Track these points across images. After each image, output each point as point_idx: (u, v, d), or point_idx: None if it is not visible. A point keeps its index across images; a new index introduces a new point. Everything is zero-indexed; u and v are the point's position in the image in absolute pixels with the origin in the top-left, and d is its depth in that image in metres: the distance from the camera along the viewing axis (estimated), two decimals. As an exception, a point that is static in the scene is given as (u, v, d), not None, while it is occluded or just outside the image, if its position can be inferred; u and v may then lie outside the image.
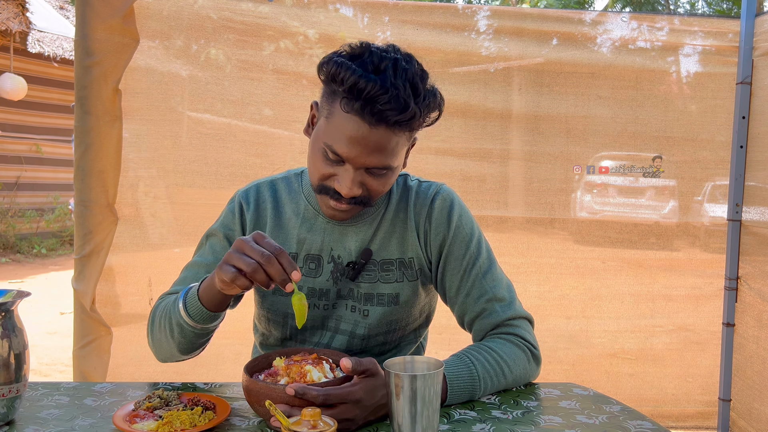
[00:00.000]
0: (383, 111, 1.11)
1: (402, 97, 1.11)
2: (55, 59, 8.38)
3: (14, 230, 8.87)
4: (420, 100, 1.14)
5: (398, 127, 1.14)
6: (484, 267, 1.34)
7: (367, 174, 1.19)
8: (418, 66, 1.18)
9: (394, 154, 1.18)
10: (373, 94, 1.10)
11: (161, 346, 1.31)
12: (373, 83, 1.10)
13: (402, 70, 1.13)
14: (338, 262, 1.33)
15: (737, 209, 2.61)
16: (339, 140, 1.15)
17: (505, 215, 2.66)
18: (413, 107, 1.12)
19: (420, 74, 1.16)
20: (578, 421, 1.12)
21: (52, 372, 4.08)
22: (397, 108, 1.11)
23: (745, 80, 2.56)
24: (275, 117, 2.52)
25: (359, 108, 1.12)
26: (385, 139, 1.15)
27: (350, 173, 1.17)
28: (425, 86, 1.17)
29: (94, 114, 2.27)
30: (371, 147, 1.14)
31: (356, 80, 1.10)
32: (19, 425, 1.07)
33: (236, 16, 2.47)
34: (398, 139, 1.17)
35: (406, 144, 1.21)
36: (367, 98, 1.10)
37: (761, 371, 2.51)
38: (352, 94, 1.12)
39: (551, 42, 2.63)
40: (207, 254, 1.38)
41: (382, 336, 1.37)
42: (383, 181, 1.21)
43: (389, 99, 1.10)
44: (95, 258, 2.31)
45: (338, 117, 1.15)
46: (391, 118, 1.12)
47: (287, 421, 0.91)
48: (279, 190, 1.39)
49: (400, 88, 1.11)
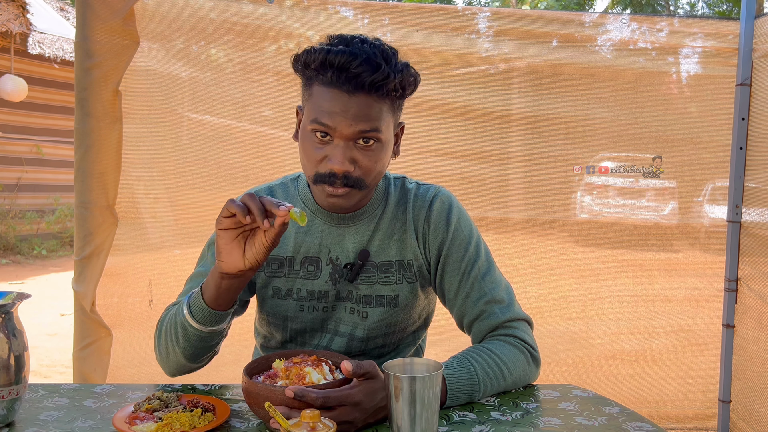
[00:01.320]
0: (357, 74, 1.15)
1: (373, 60, 1.15)
2: (55, 60, 8.39)
3: (15, 231, 8.87)
4: (392, 65, 1.18)
5: (376, 92, 1.17)
6: (483, 269, 1.34)
7: (356, 149, 1.20)
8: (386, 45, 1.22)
9: (379, 120, 1.20)
10: (344, 61, 1.15)
11: (168, 355, 1.29)
12: (342, 53, 1.15)
13: (370, 42, 1.19)
14: (336, 263, 1.34)
15: (737, 211, 2.61)
16: (322, 114, 1.19)
17: (504, 216, 2.66)
18: (385, 67, 1.16)
19: (390, 49, 1.21)
20: (577, 422, 1.12)
21: (52, 374, 4.08)
22: (370, 69, 1.15)
23: (745, 82, 2.56)
24: (275, 118, 2.53)
25: (335, 78, 1.16)
26: (366, 105, 1.17)
27: (340, 147, 1.19)
28: (395, 56, 1.21)
29: (95, 115, 2.27)
30: (353, 113, 1.17)
31: (326, 55, 1.16)
32: (18, 427, 1.07)
33: (236, 18, 2.47)
34: (380, 106, 1.19)
35: (389, 115, 1.23)
36: (339, 67, 1.15)
37: (761, 372, 2.51)
38: (324, 68, 1.17)
39: (551, 43, 2.63)
40: (209, 264, 1.39)
41: (381, 338, 1.37)
42: (373, 156, 1.22)
43: (361, 62, 1.15)
44: (95, 259, 2.32)
45: (317, 95, 1.20)
46: (366, 79, 1.15)
47: (286, 423, 0.91)
48: (276, 195, 1.40)
49: (369, 52, 1.16)
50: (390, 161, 1.30)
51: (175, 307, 1.32)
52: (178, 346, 1.25)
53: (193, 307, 1.19)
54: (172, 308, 1.33)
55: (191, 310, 1.19)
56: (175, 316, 1.24)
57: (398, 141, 1.32)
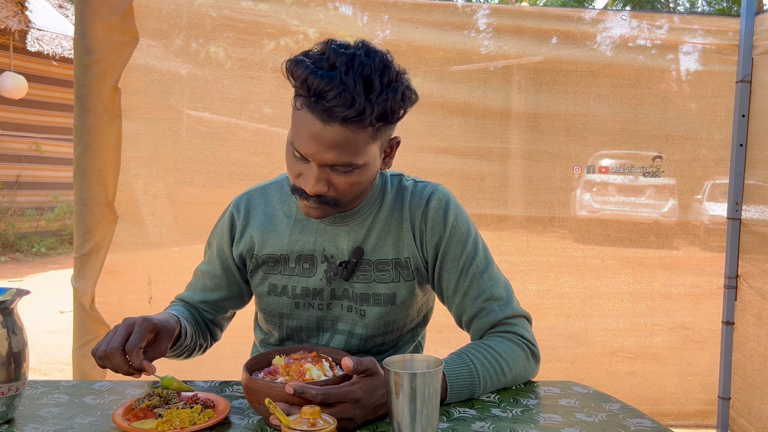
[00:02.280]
0: (331, 108, 1.10)
1: (350, 92, 1.09)
2: (54, 58, 8.36)
3: (14, 229, 8.87)
4: (373, 96, 1.11)
5: (351, 124, 1.12)
6: (482, 266, 1.34)
7: (332, 172, 1.18)
8: (381, 61, 1.13)
9: (354, 152, 1.15)
10: (320, 90, 1.09)
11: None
12: (320, 79, 1.09)
13: (358, 66, 1.10)
14: (332, 261, 1.34)
15: (737, 208, 2.61)
16: (298, 137, 1.16)
17: (504, 214, 2.65)
18: (362, 103, 1.09)
19: (381, 69, 1.12)
20: (578, 419, 1.12)
21: (52, 371, 4.08)
22: (343, 104, 1.09)
23: (745, 78, 2.56)
24: (275, 115, 2.52)
25: (311, 104, 1.12)
26: (341, 137, 1.13)
27: (313, 170, 1.17)
28: (384, 82, 1.12)
29: (94, 112, 2.26)
30: (327, 144, 1.14)
31: (306, 77, 1.11)
32: (18, 423, 1.07)
33: (236, 15, 2.46)
34: (356, 137, 1.14)
35: (369, 142, 1.17)
36: (316, 94, 1.11)
37: (761, 370, 2.51)
38: (304, 91, 1.13)
39: (551, 40, 2.62)
40: (207, 263, 1.48)
41: (380, 336, 1.37)
42: (349, 179, 1.19)
43: (336, 95, 1.09)
44: (95, 257, 2.31)
45: (296, 114, 1.17)
46: (339, 114, 1.10)
47: (287, 420, 0.91)
48: (270, 195, 1.41)
49: (349, 83, 1.09)
50: (376, 175, 1.28)
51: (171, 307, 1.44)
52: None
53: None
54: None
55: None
56: None
57: (392, 154, 1.29)
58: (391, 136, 1.25)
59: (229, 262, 1.42)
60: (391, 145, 1.28)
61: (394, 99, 1.14)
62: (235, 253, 1.40)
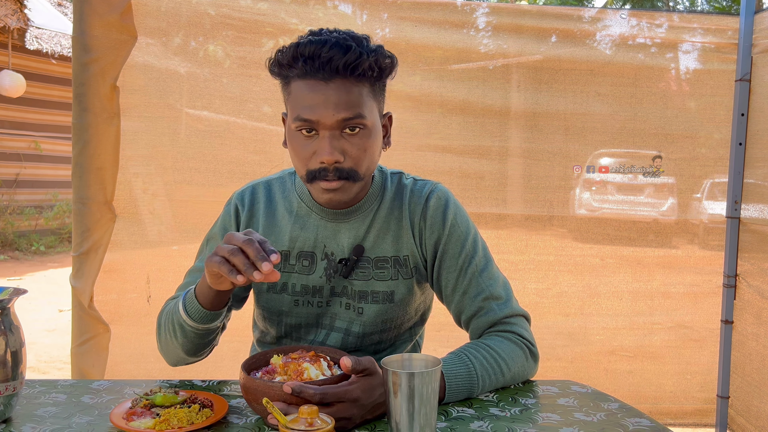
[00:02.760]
0: (329, 58, 1.14)
1: (343, 42, 1.15)
2: (53, 56, 8.35)
3: (13, 227, 8.86)
4: (363, 46, 1.17)
5: (351, 74, 1.16)
6: (481, 265, 1.34)
7: (343, 139, 1.20)
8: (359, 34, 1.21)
9: (360, 105, 1.19)
10: (314, 49, 1.14)
11: (168, 349, 1.33)
12: (311, 42, 1.15)
13: (339, 30, 1.18)
14: (332, 259, 1.33)
15: (736, 206, 2.61)
16: (303, 108, 1.18)
17: (503, 212, 2.65)
18: (356, 48, 1.15)
19: (362, 35, 1.20)
20: (576, 418, 1.12)
21: (50, 369, 4.08)
22: (340, 51, 1.14)
23: (744, 77, 2.55)
24: (274, 114, 2.52)
25: (308, 69, 1.16)
26: (345, 90, 1.17)
27: (326, 139, 1.18)
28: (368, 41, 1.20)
29: (92, 111, 2.26)
30: (334, 101, 1.16)
31: (295, 48, 1.16)
32: (16, 423, 1.07)
33: (235, 13, 2.46)
34: (359, 89, 1.18)
35: (371, 98, 1.21)
36: (311, 56, 1.15)
37: (760, 368, 2.51)
38: (296, 61, 1.16)
39: (550, 39, 2.62)
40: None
41: (378, 334, 1.37)
42: (361, 144, 1.21)
43: (330, 47, 1.14)
44: (93, 255, 2.31)
45: (295, 90, 1.19)
46: (339, 62, 1.14)
47: (284, 419, 0.91)
48: (273, 190, 1.41)
49: (338, 37, 1.16)
50: (381, 151, 1.30)
51: (172, 302, 1.34)
52: (177, 342, 1.27)
53: (188, 307, 1.21)
54: (170, 303, 1.36)
55: (187, 309, 1.21)
56: (172, 314, 1.27)
57: (388, 132, 1.32)
58: (384, 107, 1.29)
59: None
60: (389, 118, 1.32)
61: (382, 52, 1.21)
62: None
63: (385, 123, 1.30)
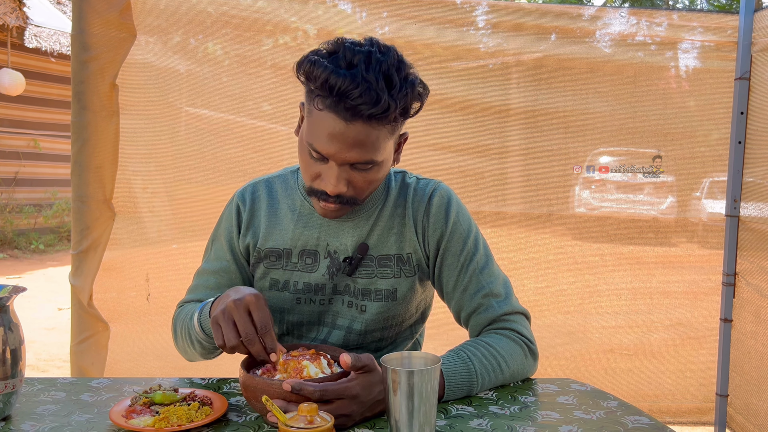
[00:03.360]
0: (356, 105, 1.10)
1: (374, 89, 1.10)
2: (52, 54, 8.35)
3: (12, 226, 8.86)
4: (395, 92, 1.12)
5: (374, 121, 1.13)
6: (481, 263, 1.34)
7: (351, 170, 1.19)
8: (396, 57, 1.15)
9: (375, 149, 1.17)
10: (344, 89, 1.09)
11: (186, 352, 1.38)
12: (343, 78, 1.09)
13: (375, 63, 1.11)
14: (335, 257, 1.33)
15: (735, 205, 2.61)
16: (318, 138, 1.16)
17: (502, 211, 2.65)
18: (386, 100, 1.11)
19: (396, 65, 1.14)
20: (576, 416, 1.12)
21: (50, 368, 4.08)
22: (369, 101, 1.10)
23: (744, 76, 2.55)
24: (273, 112, 2.52)
25: (332, 104, 1.12)
26: (363, 134, 1.14)
27: (334, 170, 1.17)
28: (402, 77, 1.14)
29: (91, 109, 2.26)
30: (350, 142, 1.14)
31: (327, 77, 1.10)
32: (15, 421, 1.07)
33: (234, 11, 2.46)
34: (378, 133, 1.15)
35: (388, 138, 1.19)
36: (339, 94, 1.10)
37: (758, 367, 2.52)
38: (324, 91, 1.12)
39: (550, 37, 2.62)
40: (213, 260, 1.43)
41: (379, 332, 1.37)
42: (369, 176, 1.20)
43: (360, 93, 1.09)
44: (93, 254, 2.31)
45: (315, 115, 1.16)
46: (365, 112, 1.11)
47: (284, 417, 0.91)
48: (275, 188, 1.41)
49: (371, 81, 1.10)
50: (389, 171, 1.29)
51: (185, 308, 1.38)
52: (195, 350, 1.32)
53: (204, 325, 1.23)
54: (183, 311, 1.38)
55: (203, 327, 1.23)
56: (188, 328, 1.29)
57: (399, 149, 1.30)
58: (401, 131, 1.27)
59: (239, 254, 1.40)
60: (404, 138, 1.30)
61: (413, 93, 1.17)
62: (242, 245, 1.39)
63: (399, 142, 1.29)
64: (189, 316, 1.30)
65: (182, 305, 1.42)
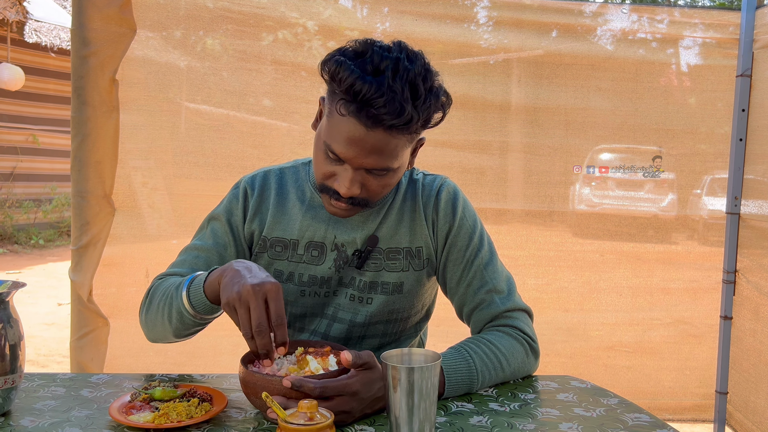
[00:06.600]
0: (379, 114, 1.09)
1: (398, 100, 1.08)
2: (52, 49, 8.32)
3: (11, 221, 8.85)
4: (419, 103, 1.11)
5: (395, 131, 1.12)
6: (486, 259, 1.34)
7: (367, 174, 1.18)
8: (423, 65, 1.14)
9: (393, 156, 1.16)
10: (369, 97, 1.08)
11: (155, 327, 1.30)
12: (369, 85, 1.08)
13: (403, 71, 1.10)
14: (342, 250, 1.33)
15: (736, 202, 2.61)
16: (337, 140, 1.15)
17: (503, 208, 2.65)
18: (410, 111, 1.10)
19: (423, 74, 1.13)
20: (576, 413, 1.12)
21: (49, 363, 4.08)
22: (393, 112, 1.08)
23: (745, 73, 2.55)
24: (273, 108, 2.51)
25: (355, 110, 1.10)
26: (383, 142, 1.13)
27: (349, 173, 1.16)
28: (427, 87, 1.13)
29: (91, 104, 2.25)
30: (368, 149, 1.13)
31: (353, 82, 1.08)
32: (15, 416, 1.07)
33: (234, 6, 2.45)
34: (397, 142, 1.15)
35: (407, 145, 1.19)
36: (363, 101, 1.09)
37: (758, 364, 2.52)
38: (349, 96, 1.10)
39: (551, 34, 2.61)
40: (207, 238, 1.38)
41: (382, 325, 1.37)
42: (383, 181, 1.20)
43: (385, 103, 1.08)
44: (92, 249, 2.31)
45: (337, 117, 1.14)
46: (387, 122, 1.10)
47: (284, 413, 0.91)
48: (285, 178, 1.39)
49: (397, 91, 1.08)
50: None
51: (168, 280, 1.31)
52: (170, 325, 1.24)
53: (193, 298, 1.18)
54: (165, 280, 1.32)
55: (191, 299, 1.18)
56: (171, 299, 1.23)
57: (415, 153, 1.30)
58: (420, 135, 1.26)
59: (242, 238, 1.37)
60: (421, 143, 1.29)
61: (436, 104, 1.16)
62: (246, 231, 1.37)
63: (415, 146, 1.28)
64: (175, 286, 1.24)
65: (163, 278, 1.36)
